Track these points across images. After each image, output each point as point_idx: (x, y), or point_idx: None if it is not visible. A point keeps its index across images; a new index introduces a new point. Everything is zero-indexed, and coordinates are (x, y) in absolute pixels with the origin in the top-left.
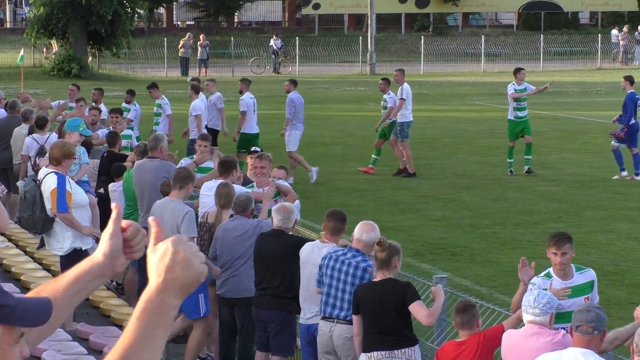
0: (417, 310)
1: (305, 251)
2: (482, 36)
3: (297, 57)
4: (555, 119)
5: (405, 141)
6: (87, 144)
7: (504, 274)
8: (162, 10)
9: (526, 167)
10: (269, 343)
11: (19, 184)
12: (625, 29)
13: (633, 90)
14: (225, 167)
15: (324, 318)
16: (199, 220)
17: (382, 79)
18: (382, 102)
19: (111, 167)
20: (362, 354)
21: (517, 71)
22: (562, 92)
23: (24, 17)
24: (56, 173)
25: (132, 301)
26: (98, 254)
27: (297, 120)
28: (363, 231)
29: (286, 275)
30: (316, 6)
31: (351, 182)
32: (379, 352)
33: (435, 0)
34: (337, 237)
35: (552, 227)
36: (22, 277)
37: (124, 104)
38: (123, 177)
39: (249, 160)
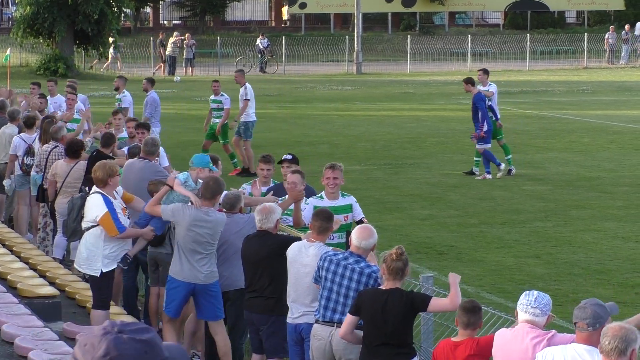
0: (438, 304)
1: (292, 251)
2: (469, 35)
3: (283, 56)
4: (541, 118)
5: (248, 141)
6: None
7: (490, 273)
8: (148, 9)
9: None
10: (262, 345)
11: (5, 182)
12: (611, 28)
13: (479, 92)
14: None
15: (322, 322)
16: None
17: (214, 81)
18: (214, 104)
19: None
20: None
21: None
22: (548, 91)
23: (10, 16)
24: (102, 194)
25: (117, 301)
26: None
27: (156, 119)
28: (362, 237)
29: (274, 276)
30: (303, 5)
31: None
32: None
33: (421, 0)
34: (324, 236)
35: (538, 226)
36: (8, 277)
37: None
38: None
39: (282, 169)
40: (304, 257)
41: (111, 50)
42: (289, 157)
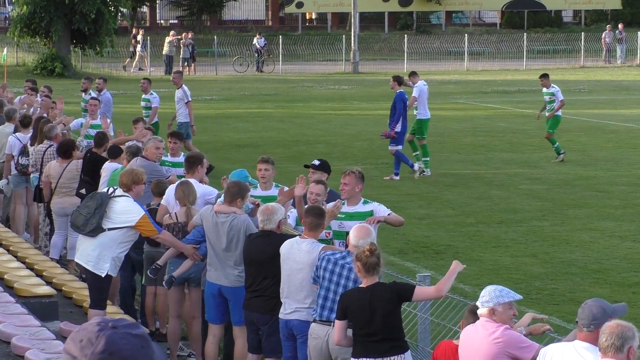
0: (422, 292)
1: (285, 247)
2: (466, 34)
3: (280, 55)
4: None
5: (188, 141)
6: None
7: (487, 272)
8: (145, 9)
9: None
10: (260, 345)
11: (1, 183)
12: (608, 27)
13: (402, 90)
14: (191, 163)
15: (320, 322)
16: (165, 222)
17: (143, 79)
18: (143, 102)
19: (94, 167)
20: (352, 359)
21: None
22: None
23: (7, 16)
24: (132, 198)
25: (114, 300)
26: None
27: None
28: (360, 237)
29: (277, 276)
30: (299, 5)
31: (335, 180)
32: (368, 359)
33: None
34: (316, 233)
35: (535, 225)
36: (5, 277)
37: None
38: (119, 158)
39: (310, 174)
40: (296, 253)
41: (139, 48)
42: (316, 162)
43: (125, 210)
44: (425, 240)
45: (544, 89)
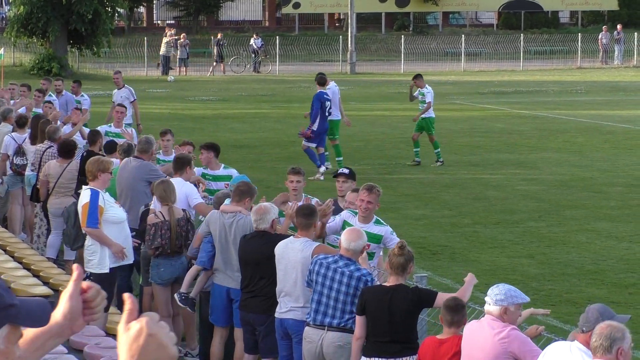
0: (444, 299)
1: (279, 247)
2: (462, 35)
3: (277, 56)
4: (535, 118)
5: None
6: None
7: (484, 273)
8: (142, 9)
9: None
10: (257, 345)
11: None
12: (604, 28)
13: (322, 90)
14: (180, 164)
15: (313, 326)
16: (151, 221)
17: (74, 81)
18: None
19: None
20: (363, 358)
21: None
22: (542, 91)
23: (4, 16)
24: (91, 188)
25: (111, 300)
26: (57, 314)
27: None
28: (351, 239)
29: (274, 277)
30: (296, 5)
31: (331, 180)
32: (379, 359)
33: (415, 0)
34: (308, 232)
35: (532, 226)
36: (1, 276)
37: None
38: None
39: (337, 184)
40: (290, 252)
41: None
42: (346, 171)
43: (81, 199)
44: (421, 241)
45: (418, 89)
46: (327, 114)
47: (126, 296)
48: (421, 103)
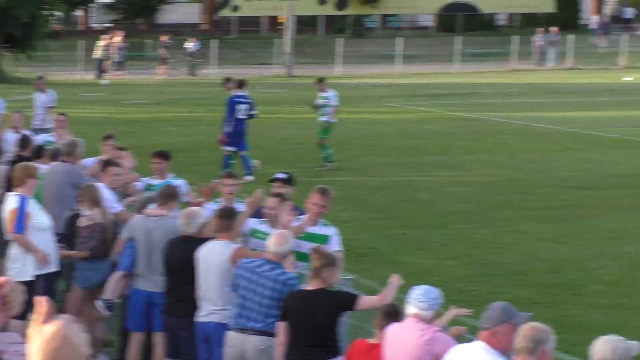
0: (366, 302)
1: (201, 250)
2: (396, 38)
3: (213, 59)
4: (468, 120)
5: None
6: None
7: (410, 275)
8: (79, 12)
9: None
10: (178, 350)
11: None
12: (540, 30)
13: (237, 93)
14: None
15: (236, 330)
16: (83, 224)
17: None
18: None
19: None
20: None
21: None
22: (476, 94)
23: None
24: (17, 195)
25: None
26: None
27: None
28: (277, 243)
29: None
30: (235, 8)
31: (261, 184)
32: None
33: (354, 3)
34: (227, 234)
35: (459, 227)
36: None
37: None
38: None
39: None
40: (209, 254)
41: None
42: (283, 176)
43: (7, 205)
44: (349, 243)
45: (320, 93)
46: (242, 117)
47: (40, 299)
48: (323, 108)
